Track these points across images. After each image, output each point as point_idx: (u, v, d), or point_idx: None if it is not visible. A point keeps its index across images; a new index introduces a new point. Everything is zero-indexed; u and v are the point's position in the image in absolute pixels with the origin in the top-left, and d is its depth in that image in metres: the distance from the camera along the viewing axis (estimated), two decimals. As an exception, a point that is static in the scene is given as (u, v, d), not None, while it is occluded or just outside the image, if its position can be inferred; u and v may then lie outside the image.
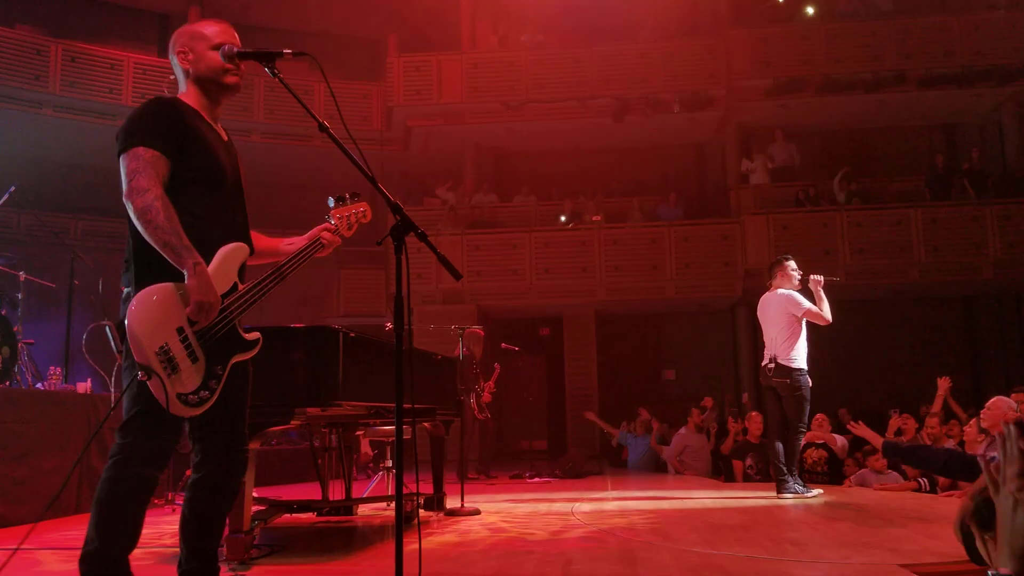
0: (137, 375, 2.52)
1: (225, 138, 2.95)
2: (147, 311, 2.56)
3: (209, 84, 2.87)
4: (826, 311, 7.11)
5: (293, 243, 3.14)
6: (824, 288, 7.19)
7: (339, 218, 3.25)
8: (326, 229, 3.17)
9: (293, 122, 15.32)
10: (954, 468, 3.36)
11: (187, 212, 2.67)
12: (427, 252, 2.74)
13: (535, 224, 15.62)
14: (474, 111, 16.03)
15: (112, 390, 6.58)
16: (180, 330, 2.61)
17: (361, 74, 17.31)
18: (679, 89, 15.42)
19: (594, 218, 15.41)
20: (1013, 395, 6.95)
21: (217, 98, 2.92)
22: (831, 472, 8.38)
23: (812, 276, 7.19)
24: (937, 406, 8.58)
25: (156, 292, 2.58)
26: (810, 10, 16.06)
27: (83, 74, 14.66)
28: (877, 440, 3.86)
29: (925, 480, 7.40)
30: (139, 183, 2.58)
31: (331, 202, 3.23)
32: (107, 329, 2.67)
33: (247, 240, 2.93)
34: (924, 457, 3.76)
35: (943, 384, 8.52)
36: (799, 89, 15.28)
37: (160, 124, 2.69)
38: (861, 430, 4.11)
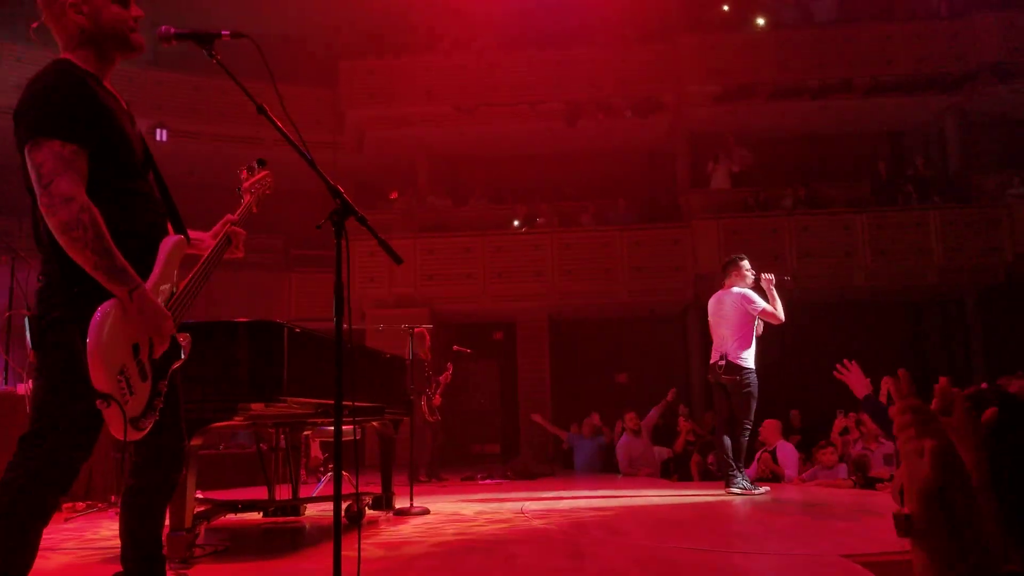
0: (96, 400, 2.16)
1: (124, 106, 2.54)
2: (106, 331, 2.19)
3: (111, 43, 2.43)
4: (779, 310, 7.25)
5: (215, 234, 2.85)
6: (776, 287, 7.33)
7: (251, 194, 3.02)
8: (231, 222, 2.87)
9: (243, 124, 15.12)
10: None
11: (114, 213, 2.30)
12: (380, 256, 2.70)
13: (488, 228, 15.58)
14: (427, 115, 15.98)
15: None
16: (136, 347, 2.29)
17: (314, 78, 17.15)
18: (630, 94, 15.56)
19: (538, 220, 15.43)
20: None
21: (114, 58, 2.49)
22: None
23: (764, 275, 7.34)
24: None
25: (110, 309, 2.22)
26: (760, 21, 16.31)
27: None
28: (861, 390, 4.13)
29: (859, 475, 7.62)
30: (60, 188, 2.18)
31: (243, 173, 3.02)
32: (26, 320, 2.39)
33: (177, 221, 2.63)
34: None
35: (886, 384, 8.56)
36: (748, 95, 15.44)
37: (76, 107, 2.28)
38: (850, 376, 4.35)
